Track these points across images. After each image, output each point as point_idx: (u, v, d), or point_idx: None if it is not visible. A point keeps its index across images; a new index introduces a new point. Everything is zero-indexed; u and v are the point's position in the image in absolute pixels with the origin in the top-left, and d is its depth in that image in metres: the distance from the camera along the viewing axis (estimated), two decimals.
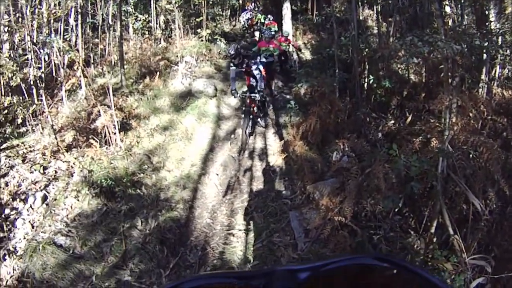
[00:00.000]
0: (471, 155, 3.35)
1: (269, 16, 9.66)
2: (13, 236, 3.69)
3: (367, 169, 3.91)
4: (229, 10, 12.08)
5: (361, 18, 8.69)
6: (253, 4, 11.34)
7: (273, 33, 7.86)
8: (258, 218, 3.85)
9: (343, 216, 3.50)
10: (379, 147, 4.31)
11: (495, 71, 4.85)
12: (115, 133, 4.67)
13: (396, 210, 3.57)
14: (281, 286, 0.53)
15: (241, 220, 3.92)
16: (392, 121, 4.80)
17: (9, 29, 6.13)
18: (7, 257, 3.44)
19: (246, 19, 10.83)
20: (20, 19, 6.14)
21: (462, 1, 5.78)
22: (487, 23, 4.87)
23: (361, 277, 0.57)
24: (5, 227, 3.72)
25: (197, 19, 8.94)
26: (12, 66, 4.93)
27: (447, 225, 3.00)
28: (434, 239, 3.11)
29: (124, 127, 5.21)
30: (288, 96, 6.83)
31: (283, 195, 4.21)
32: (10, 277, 3.29)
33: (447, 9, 6.28)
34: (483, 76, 4.68)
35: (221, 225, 3.91)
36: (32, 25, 5.86)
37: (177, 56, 7.71)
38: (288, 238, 3.60)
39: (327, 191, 3.79)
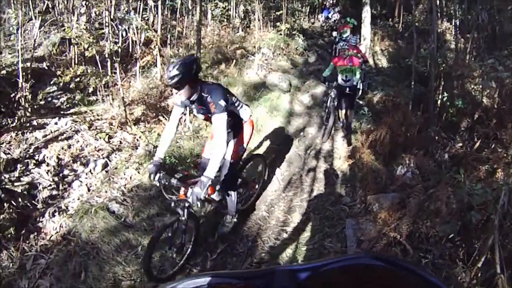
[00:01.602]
0: None
1: (348, 19, 9.21)
2: (68, 195, 3.83)
3: (430, 189, 3.78)
4: (309, 7, 11.96)
5: (439, 30, 8.30)
6: (332, 1, 11.04)
7: (353, 42, 6.42)
8: (314, 220, 3.82)
9: (398, 233, 3.41)
10: (444, 168, 4.14)
11: None
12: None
13: (449, 237, 3.43)
14: (281, 286, 0.54)
15: (297, 218, 3.90)
16: (460, 144, 4.57)
17: (87, 3, 6.43)
18: (56, 213, 3.57)
19: (333, 20, 10.45)
20: None
21: None
22: None
23: (360, 276, 0.57)
24: (61, 186, 3.88)
25: (276, 13, 8.89)
26: (89, 38, 5.14)
27: (495, 263, 2.84)
28: (479, 274, 2.97)
29: None
30: (361, 102, 6.57)
31: (343, 201, 4.15)
32: (56, 233, 3.39)
33: None
34: None
35: (276, 220, 3.91)
36: (110, 2, 6.13)
37: (254, 47, 7.74)
38: (339, 245, 3.53)
39: (387, 205, 3.69)
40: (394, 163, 4.31)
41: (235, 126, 3.23)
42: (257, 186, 4.09)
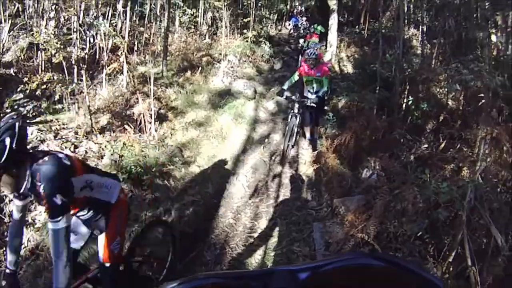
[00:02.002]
0: (499, 189, 3.28)
1: (316, 25, 9.29)
2: (34, 208, 3.68)
3: (396, 190, 3.86)
4: (276, 14, 12.10)
5: (406, 37, 8.54)
6: (300, 8, 11.14)
7: (317, 52, 5.36)
8: (281, 225, 3.82)
9: (366, 234, 3.46)
10: (410, 169, 4.23)
11: None
12: (150, 122, 4.74)
13: (418, 235, 3.50)
14: (280, 286, 0.53)
15: (264, 224, 3.90)
16: (426, 145, 4.68)
17: (57, 7, 6.30)
18: (24, 227, 3.47)
19: (302, 28, 10.35)
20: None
21: (509, 29, 5.62)
22: None
23: (360, 276, 0.57)
24: None
25: (244, 20, 8.95)
26: (56, 43, 5.02)
27: (466, 256, 2.92)
28: (451, 268, 3.04)
29: (160, 118, 5.29)
30: (325, 108, 6.61)
31: (309, 205, 4.18)
32: (24, 248, 3.27)
33: (493, 37, 6.12)
34: None
35: (243, 227, 3.90)
36: (80, 6, 6.01)
37: (220, 54, 7.79)
38: (308, 249, 3.56)
39: (353, 207, 3.74)
40: (359, 167, 4.38)
41: (98, 213, 2.21)
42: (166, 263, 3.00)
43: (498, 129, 3.76)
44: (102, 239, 2.23)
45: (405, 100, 5.16)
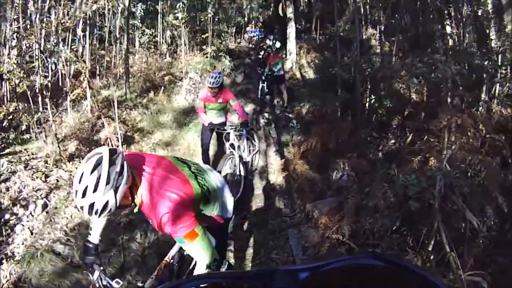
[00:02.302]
0: (469, 174, 3.40)
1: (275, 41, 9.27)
2: (12, 241, 3.68)
3: (366, 188, 3.95)
4: (235, 27, 12.07)
5: (364, 37, 8.75)
6: (257, 20, 11.20)
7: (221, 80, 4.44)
8: (257, 235, 3.86)
9: (341, 234, 3.53)
10: (379, 166, 4.34)
11: (495, 89, 4.84)
12: (117, 146, 4.70)
13: (394, 228, 3.58)
14: (281, 286, 0.54)
15: (240, 236, 3.92)
16: (393, 141, 4.82)
17: (18, 35, 6.19)
18: (4, 261, 3.43)
19: (267, 46, 10.12)
20: (29, 26, 6.22)
21: (464, 19, 5.83)
22: (487, 41, 4.93)
23: (360, 276, 0.58)
24: (4, 232, 3.71)
25: (202, 36, 9.01)
26: (19, 72, 4.96)
27: (444, 243, 3.01)
28: (431, 257, 3.12)
29: (127, 140, 5.26)
30: (290, 115, 6.78)
31: (283, 213, 4.24)
32: (6, 281, 3.28)
33: (448, 28, 6.35)
34: (483, 95, 4.71)
35: None
36: (40, 33, 5.93)
37: (181, 71, 7.78)
38: (286, 255, 3.61)
39: (326, 210, 3.82)
40: (329, 169, 4.47)
41: None
42: None
43: (461, 116, 3.91)
44: None
45: (367, 100, 5.28)
